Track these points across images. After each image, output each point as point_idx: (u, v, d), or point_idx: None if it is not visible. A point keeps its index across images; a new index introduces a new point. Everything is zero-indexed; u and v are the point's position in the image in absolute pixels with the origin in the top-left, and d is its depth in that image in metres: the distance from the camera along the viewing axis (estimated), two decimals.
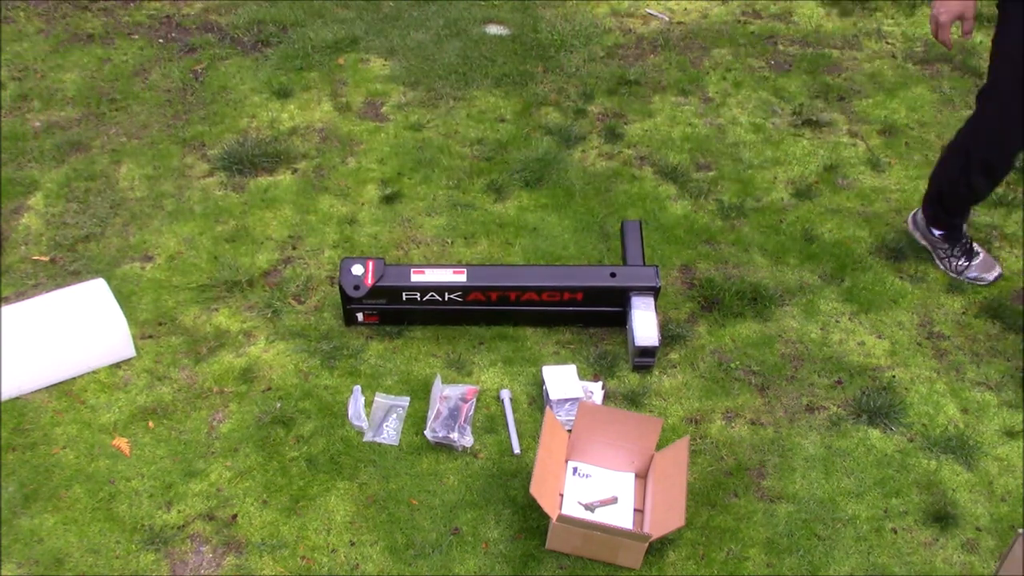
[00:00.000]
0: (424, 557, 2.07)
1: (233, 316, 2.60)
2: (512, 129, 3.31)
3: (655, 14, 4.03)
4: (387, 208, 2.97)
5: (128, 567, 2.03)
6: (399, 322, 2.58)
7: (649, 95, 3.52)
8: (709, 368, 2.52)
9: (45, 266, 2.71)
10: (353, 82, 3.51)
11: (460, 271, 2.53)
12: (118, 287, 2.62)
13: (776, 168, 3.21)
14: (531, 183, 3.07)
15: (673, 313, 2.68)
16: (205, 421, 2.33)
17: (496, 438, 2.33)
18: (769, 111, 3.46)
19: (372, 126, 3.31)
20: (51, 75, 3.46)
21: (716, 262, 2.83)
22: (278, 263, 2.77)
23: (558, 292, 2.52)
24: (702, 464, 2.30)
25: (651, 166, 3.19)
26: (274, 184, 3.04)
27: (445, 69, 3.59)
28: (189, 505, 2.15)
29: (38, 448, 2.25)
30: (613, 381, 2.48)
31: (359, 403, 2.36)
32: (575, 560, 2.08)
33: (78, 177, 3.01)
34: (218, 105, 3.36)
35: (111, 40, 3.67)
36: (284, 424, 2.33)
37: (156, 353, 2.49)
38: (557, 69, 3.63)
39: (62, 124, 3.24)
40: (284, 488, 2.20)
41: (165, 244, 2.80)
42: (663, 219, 2.97)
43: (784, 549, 2.12)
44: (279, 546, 2.08)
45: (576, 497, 2.20)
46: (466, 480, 2.23)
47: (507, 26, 3.86)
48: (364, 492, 2.20)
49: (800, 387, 2.49)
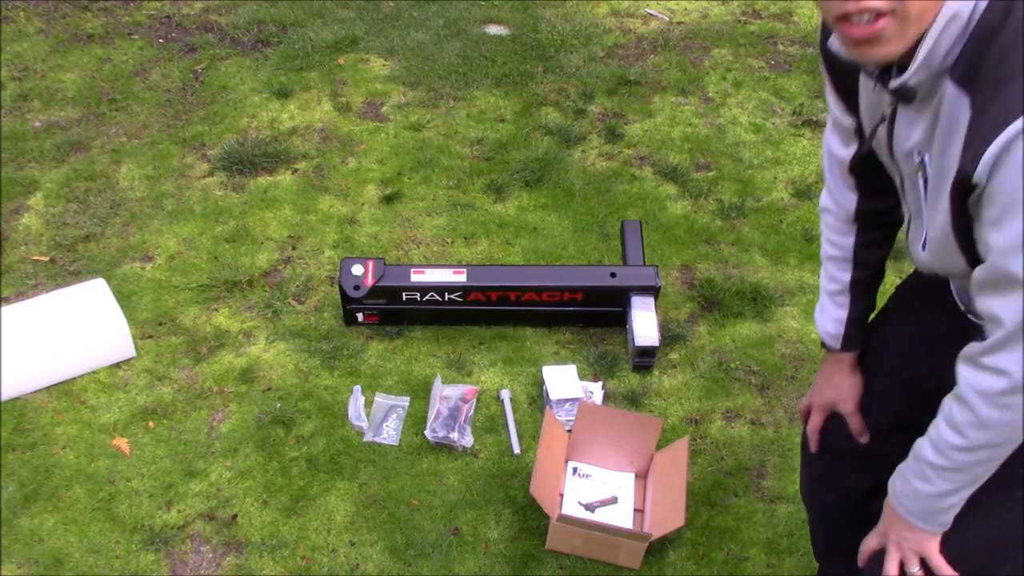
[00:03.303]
0: (424, 557, 2.07)
1: (233, 316, 2.60)
2: (512, 129, 3.31)
3: (655, 14, 4.03)
4: (387, 208, 2.97)
5: (128, 567, 2.03)
6: (399, 322, 2.58)
7: (649, 95, 3.52)
8: (709, 368, 2.52)
9: (45, 266, 2.71)
10: (353, 82, 3.51)
11: (460, 271, 2.53)
12: (118, 287, 2.62)
13: (776, 168, 3.21)
14: (531, 183, 3.07)
15: (673, 313, 2.68)
16: (205, 421, 2.33)
17: (496, 438, 2.33)
18: (769, 111, 3.46)
19: (372, 126, 3.31)
20: (51, 75, 3.46)
21: (716, 262, 2.83)
22: (278, 263, 2.77)
23: (558, 292, 2.52)
24: (702, 464, 2.30)
25: (651, 166, 3.19)
26: (274, 184, 3.04)
27: (445, 69, 3.58)
28: (189, 505, 2.15)
29: (38, 448, 2.25)
30: (613, 381, 2.48)
31: (359, 403, 2.36)
32: (575, 560, 2.08)
33: (78, 177, 3.01)
34: (218, 105, 3.36)
35: (111, 40, 3.67)
36: (284, 424, 2.33)
37: (156, 353, 2.49)
38: (557, 69, 3.63)
39: (62, 124, 3.23)
40: (284, 488, 2.20)
41: (165, 244, 2.80)
42: (663, 219, 2.97)
43: (784, 549, 2.12)
44: (279, 546, 2.08)
45: (576, 497, 2.20)
46: (466, 480, 2.23)
47: (507, 26, 3.86)
48: (364, 492, 2.20)
49: (800, 387, 2.48)
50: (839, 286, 1.47)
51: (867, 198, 1.39)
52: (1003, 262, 1.01)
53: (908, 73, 1.06)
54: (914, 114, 1.13)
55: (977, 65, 1.01)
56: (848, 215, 1.42)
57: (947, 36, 1.03)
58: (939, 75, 1.06)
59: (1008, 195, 0.97)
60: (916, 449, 1.23)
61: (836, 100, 1.33)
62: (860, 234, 1.43)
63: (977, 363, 1.10)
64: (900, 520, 1.28)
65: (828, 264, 1.48)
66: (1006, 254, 1.00)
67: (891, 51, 1.03)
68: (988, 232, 1.02)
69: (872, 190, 1.37)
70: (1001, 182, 0.97)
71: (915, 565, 1.28)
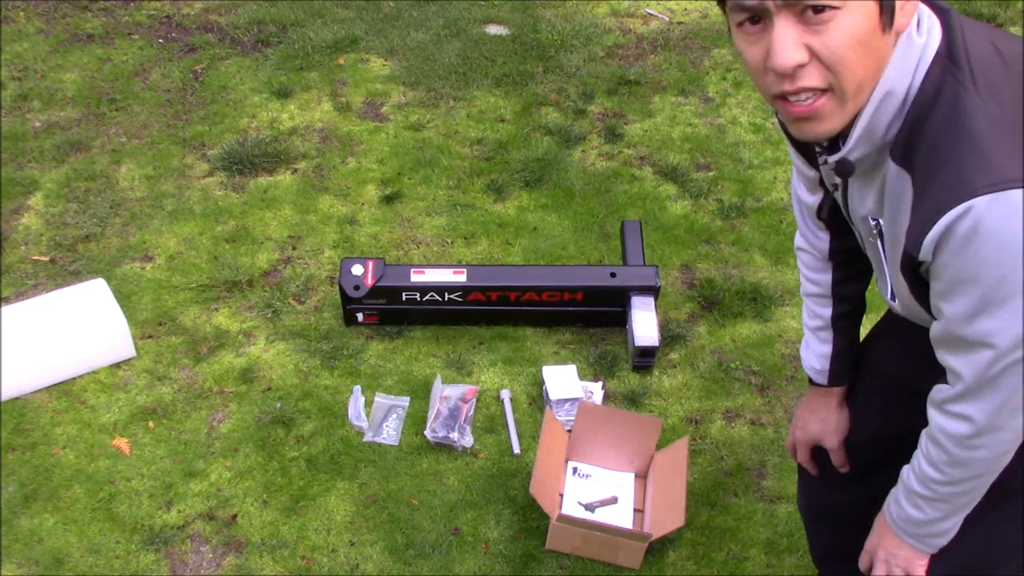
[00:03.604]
0: (424, 557, 2.07)
1: (233, 316, 2.60)
2: (512, 129, 3.31)
3: (655, 14, 4.03)
4: (387, 208, 2.97)
5: (128, 567, 2.03)
6: (399, 322, 2.58)
7: (649, 95, 3.52)
8: (709, 368, 2.52)
9: (45, 266, 2.71)
10: (353, 82, 3.51)
11: (460, 271, 2.53)
12: (118, 287, 2.62)
13: (776, 168, 3.21)
14: (531, 183, 3.07)
15: (673, 313, 2.68)
16: (205, 421, 2.33)
17: (496, 438, 2.33)
18: (769, 111, 3.46)
19: (372, 126, 3.31)
20: (51, 75, 3.46)
21: (716, 262, 2.83)
22: (278, 263, 2.77)
23: (558, 292, 2.52)
24: (702, 464, 2.30)
25: (651, 166, 3.19)
26: (274, 184, 3.04)
27: (445, 69, 3.58)
28: (189, 505, 2.15)
29: (38, 448, 2.25)
30: (613, 381, 2.48)
31: (359, 403, 2.36)
32: (575, 560, 2.08)
33: (78, 177, 3.01)
34: (218, 105, 3.36)
35: (111, 40, 3.67)
36: (284, 424, 2.33)
37: (156, 353, 2.49)
38: (557, 69, 3.63)
39: (62, 124, 3.23)
40: (284, 488, 2.20)
41: (165, 244, 2.80)
42: (663, 219, 2.97)
43: (784, 549, 2.12)
44: (279, 546, 2.08)
45: (576, 497, 2.20)
46: (466, 480, 2.23)
47: (507, 26, 3.86)
48: (364, 492, 2.20)
49: (800, 387, 2.48)
50: (821, 322, 1.48)
51: (839, 238, 1.41)
52: (955, 328, 1.05)
53: (844, 149, 1.08)
54: (864, 185, 1.14)
55: (915, 144, 1.02)
56: (823, 254, 1.44)
57: (884, 112, 1.03)
58: (882, 150, 1.07)
59: (952, 274, 1.00)
60: (903, 476, 1.25)
61: (796, 154, 1.34)
62: (836, 271, 1.44)
63: (943, 409, 1.13)
64: (893, 536, 1.30)
65: (808, 301, 1.50)
66: (957, 323, 1.04)
67: (830, 127, 1.04)
68: (939, 302, 1.06)
69: (843, 231, 1.37)
70: (944, 263, 1.00)
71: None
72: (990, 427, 1.09)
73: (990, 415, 1.08)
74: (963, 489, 1.18)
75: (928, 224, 0.99)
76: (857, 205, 1.18)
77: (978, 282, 0.99)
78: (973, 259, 0.97)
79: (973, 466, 1.14)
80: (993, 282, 0.98)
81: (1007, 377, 1.04)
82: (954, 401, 1.11)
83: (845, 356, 1.48)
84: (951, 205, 0.96)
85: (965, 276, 0.99)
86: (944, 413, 1.13)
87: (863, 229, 1.21)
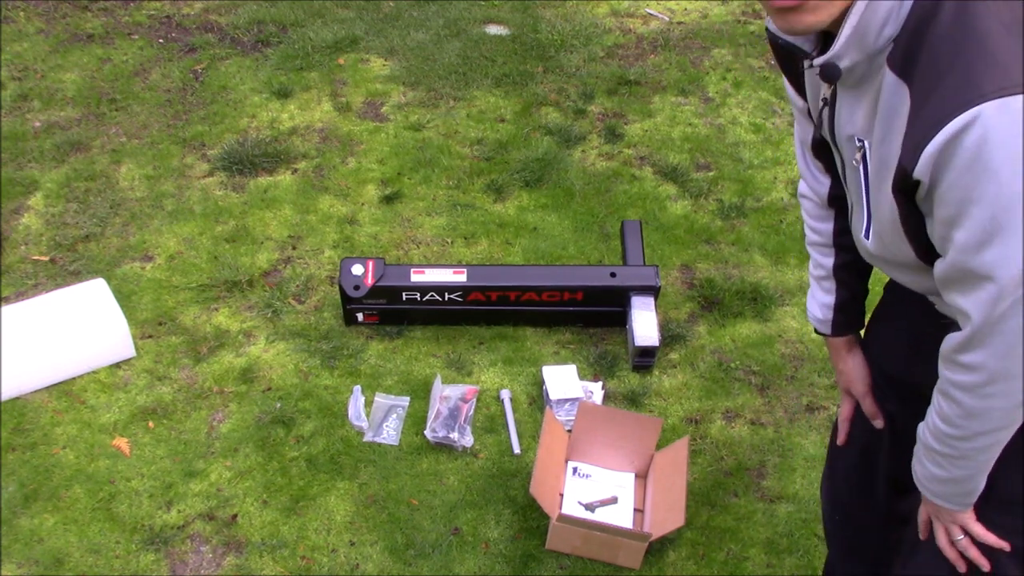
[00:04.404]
0: (424, 557, 2.07)
1: (233, 316, 2.60)
2: (512, 129, 3.31)
3: (655, 14, 4.03)
4: (387, 208, 2.97)
5: (128, 567, 2.03)
6: (399, 322, 2.58)
7: (649, 95, 3.52)
8: (709, 368, 2.52)
9: (45, 266, 2.71)
10: (353, 82, 3.51)
11: (460, 271, 2.53)
12: (118, 287, 2.62)
13: (776, 168, 3.21)
14: (531, 183, 3.07)
15: (673, 313, 2.68)
16: (205, 421, 2.33)
17: (496, 438, 2.33)
18: (769, 111, 3.46)
19: (372, 126, 3.31)
20: (51, 75, 3.46)
21: (716, 262, 2.83)
22: (278, 263, 2.77)
23: (558, 292, 2.52)
24: (702, 464, 2.30)
25: (651, 166, 3.19)
26: (274, 184, 3.04)
27: (445, 69, 3.58)
28: (189, 505, 2.15)
29: (38, 448, 2.25)
30: (613, 381, 2.48)
31: (359, 403, 2.36)
32: (575, 560, 2.08)
33: (78, 177, 3.01)
34: (218, 105, 3.36)
35: (111, 40, 3.67)
36: (284, 424, 2.33)
37: (156, 353, 2.49)
38: (557, 69, 3.63)
39: (62, 124, 3.23)
40: (284, 488, 2.20)
41: (165, 244, 2.80)
42: (663, 219, 2.97)
43: (784, 549, 2.12)
44: (279, 546, 2.08)
45: (576, 497, 2.20)
46: (466, 480, 2.23)
47: (507, 26, 3.86)
48: (364, 492, 2.20)
49: (800, 387, 2.48)
50: (824, 272, 1.47)
51: (839, 184, 1.38)
52: (966, 259, 0.98)
53: (834, 48, 1.02)
54: (854, 99, 1.09)
55: (915, 53, 0.97)
56: (823, 200, 1.42)
57: (876, 10, 0.97)
58: (875, 59, 1.02)
59: (960, 195, 0.94)
60: (920, 435, 1.22)
61: (787, 82, 1.31)
62: (838, 219, 1.42)
63: (953, 360, 1.10)
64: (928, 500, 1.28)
65: (812, 250, 1.49)
66: (968, 251, 0.97)
67: (817, 20, 0.99)
68: (947, 230, 0.99)
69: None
70: (950, 184, 0.94)
71: (959, 533, 1.28)
72: (1001, 373, 1.04)
73: (999, 360, 1.03)
74: (981, 444, 1.13)
75: (929, 134, 0.92)
76: (845, 122, 1.13)
77: (986, 201, 0.91)
78: (983, 175, 0.90)
79: (989, 417, 1.10)
80: (1005, 201, 0.90)
81: (1012, 318, 0.99)
82: (964, 350, 1.06)
83: (848, 308, 1.47)
84: (956, 112, 0.89)
85: (975, 195, 0.91)
86: (954, 365, 1.09)
87: (847, 151, 1.16)
